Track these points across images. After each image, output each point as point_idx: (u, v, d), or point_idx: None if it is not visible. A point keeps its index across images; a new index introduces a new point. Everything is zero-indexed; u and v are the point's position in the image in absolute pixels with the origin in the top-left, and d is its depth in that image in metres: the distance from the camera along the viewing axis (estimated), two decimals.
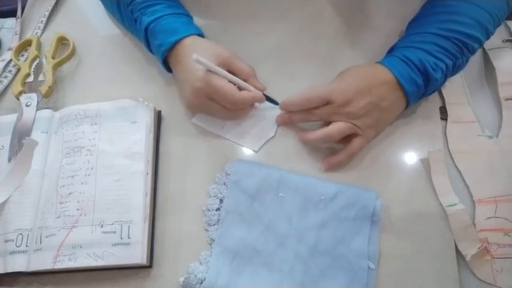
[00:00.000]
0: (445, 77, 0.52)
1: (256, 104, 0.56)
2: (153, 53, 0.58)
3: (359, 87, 0.50)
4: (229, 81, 0.52)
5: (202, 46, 0.53)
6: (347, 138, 0.52)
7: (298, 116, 0.54)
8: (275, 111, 0.56)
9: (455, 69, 0.52)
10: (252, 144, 0.55)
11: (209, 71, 0.51)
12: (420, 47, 0.51)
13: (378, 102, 0.50)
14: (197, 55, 0.49)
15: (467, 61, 0.53)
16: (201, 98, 0.52)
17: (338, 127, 0.50)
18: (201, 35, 0.56)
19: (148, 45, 0.57)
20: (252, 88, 0.53)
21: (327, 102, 0.51)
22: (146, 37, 0.56)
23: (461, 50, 0.50)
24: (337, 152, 0.52)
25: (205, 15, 0.64)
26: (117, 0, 0.60)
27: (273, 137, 0.55)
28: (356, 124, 0.50)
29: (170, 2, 0.57)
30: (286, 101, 0.53)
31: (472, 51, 0.52)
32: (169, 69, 0.57)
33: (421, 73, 0.50)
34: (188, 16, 0.58)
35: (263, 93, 0.54)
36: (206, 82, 0.51)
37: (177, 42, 0.53)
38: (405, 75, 0.50)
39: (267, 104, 0.56)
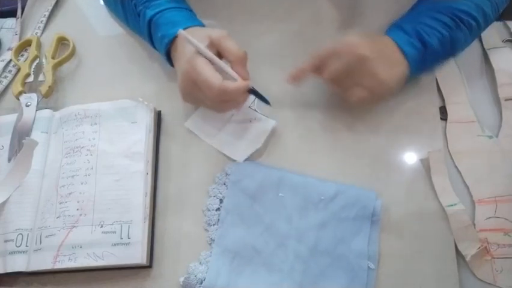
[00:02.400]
0: (443, 47, 0.52)
1: (252, 114, 0.54)
2: (156, 48, 0.58)
3: (363, 38, 0.50)
4: (215, 66, 0.49)
5: (197, 32, 0.52)
6: None
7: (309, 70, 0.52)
8: (264, 122, 0.55)
9: (453, 42, 0.52)
10: (238, 155, 0.54)
11: (198, 53, 0.49)
12: (414, 19, 0.52)
13: (379, 56, 0.49)
14: (183, 31, 0.48)
15: (466, 38, 0.53)
16: (188, 84, 0.50)
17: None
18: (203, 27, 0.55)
19: (151, 39, 0.57)
20: (236, 76, 0.49)
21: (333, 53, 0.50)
22: (149, 31, 0.56)
23: (456, 23, 0.51)
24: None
25: (205, 15, 0.64)
26: None
27: (258, 148, 0.54)
28: (362, 74, 0.49)
29: None
30: (293, 71, 0.52)
31: (470, 28, 0.52)
32: (171, 64, 0.57)
33: (417, 39, 0.51)
34: (190, 10, 0.58)
35: (252, 89, 0.51)
36: (191, 64, 0.48)
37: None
38: (402, 38, 0.51)
39: (249, 111, 0.54)
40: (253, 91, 0.51)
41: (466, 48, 0.56)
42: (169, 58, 0.56)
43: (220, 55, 0.51)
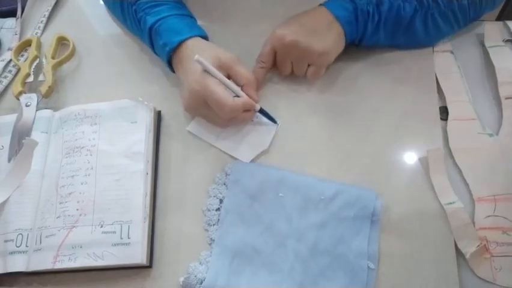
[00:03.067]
0: (381, 12, 0.53)
1: (255, 116, 0.55)
2: (157, 54, 0.58)
3: (291, 25, 0.55)
4: (225, 87, 0.51)
5: (204, 48, 0.53)
6: None
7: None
8: (266, 124, 0.56)
9: (399, 14, 0.53)
10: (244, 155, 0.54)
11: (206, 73, 0.50)
12: None
13: (311, 28, 0.53)
14: (198, 56, 0.49)
15: (419, 15, 0.54)
16: (196, 100, 0.52)
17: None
18: (205, 37, 0.56)
19: (152, 45, 0.57)
20: (245, 96, 0.52)
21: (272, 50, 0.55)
22: (150, 37, 0.56)
23: None
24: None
25: (205, 16, 0.64)
26: (121, 0, 0.59)
27: (266, 149, 0.54)
28: (304, 55, 0.54)
29: (175, 3, 0.57)
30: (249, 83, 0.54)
31: (421, 2, 0.53)
32: (173, 70, 0.57)
33: (349, 0, 0.53)
34: (193, 18, 0.58)
35: (261, 108, 0.54)
36: (202, 85, 0.50)
37: (182, 42, 0.53)
38: (333, 3, 0.54)
39: (264, 119, 0.55)
40: (262, 112, 0.54)
41: (439, 30, 0.56)
42: (170, 65, 0.56)
43: (228, 77, 0.53)
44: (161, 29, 0.54)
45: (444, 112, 0.56)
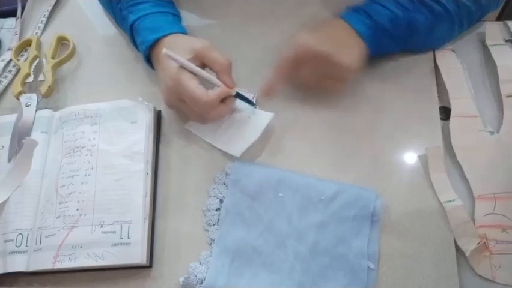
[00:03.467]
0: (397, 27, 0.52)
1: (234, 106, 0.54)
2: (139, 51, 0.58)
3: (316, 34, 0.52)
4: (200, 77, 0.50)
5: (179, 42, 0.52)
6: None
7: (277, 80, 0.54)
8: (261, 116, 0.55)
9: (411, 24, 0.53)
10: (235, 149, 0.53)
11: (181, 68, 0.49)
12: (370, 1, 0.53)
13: (335, 42, 0.51)
14: (167, 50, 0.48)
15: (433, 23, 0.53)
16: (173, 97, 0.51)
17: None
18: (185, 34, 0.56)
19: (135, 44, 0.58)
20: (220, 85, 0.51)
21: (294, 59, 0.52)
22: (132, 35, 0.56)
23: (415, 5, 0.52)
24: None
25: (205, 16, 0.64)
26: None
27: (255, 140, 0.54)
28: (326, 67, 0.51)
29: (159, 0, 0.57)
30: (263, 87, 0.53)
31: (433, 12, 0.52)
32: (153, 67, 0.57)
33: (368, 17, 0.52)
34: (175, 15, 0.58)
35: (237, 92, 0.52)
36: (176, 80, 0.49)
37: (158, 40, 0.53)
38: (353, 18, 0.52)
39: (246, 106, 0.54)
40: (238, 95, 0.53)
41: (446, 34, 0.57)
42: (150, 62, 0.56)
43: (203, 65, 0.51)
44: (140, 27, 0.54)
45: (444, 112, 0.56)
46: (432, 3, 0.52)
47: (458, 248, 0.48)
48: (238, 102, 0.55)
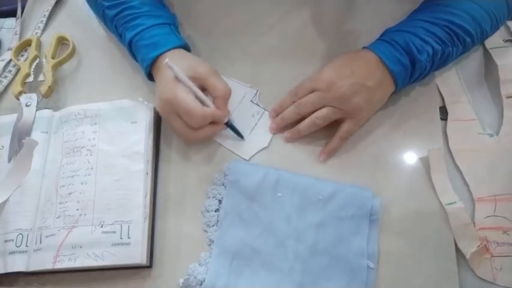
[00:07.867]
0: (432, 62, 0.52)
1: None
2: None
3: (341, 70, 0.51)
4: (195, 96, 0.50)
5: (180, 59, 0.52)
6: (339, 124, 0.52)
7: (289, 112, 0.54)
8: (267, 121, 0.56)
9: (444, 57, 0.52)
10: (245, 152, 0.54)
11: (177, 81, 0.50)
12: (408, 30, 0.51)
13: (363, 82, 0.50)
14: (169, 60, 0.48)
15: (458, 53, 0.53)
16: (166, 109, 0.51)
17: (321, 112, 0.51)
18: (185, 45, 0.55)
19: (135, 58, 0.57)
20: (213, 107, 0.50)
21: (313, 91, 0.52)
22: (132, 51, 0.56)
23: (451, 38, 0.51)
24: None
25: (205, 16, 0.64)
26: (103, 16, 0.60)
27: (266, 147, 0.55)
28: (344, 108, 0.51)
29: (153, 11, 0.56)
30: (274, 106, 0.54)
31: (464, 44, 0.52)
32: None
33: (406, 53, 0.50)
34: (171, 24, 0.56)
35: (228, 123, 0.53)
36: (172, 93, 0.49)
37: (159, 56, 0.53)
38: (388, 54, 0.50)
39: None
40: (229, 125, 0.53)
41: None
42: (151, 77, 0.56)
43: (203, 88, 0.51)
44: (138, 44, 0.54)
45: (444, 112, 0.56)
46: (465, 36, 0.51)
47: (458, 249, 0.48)
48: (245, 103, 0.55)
